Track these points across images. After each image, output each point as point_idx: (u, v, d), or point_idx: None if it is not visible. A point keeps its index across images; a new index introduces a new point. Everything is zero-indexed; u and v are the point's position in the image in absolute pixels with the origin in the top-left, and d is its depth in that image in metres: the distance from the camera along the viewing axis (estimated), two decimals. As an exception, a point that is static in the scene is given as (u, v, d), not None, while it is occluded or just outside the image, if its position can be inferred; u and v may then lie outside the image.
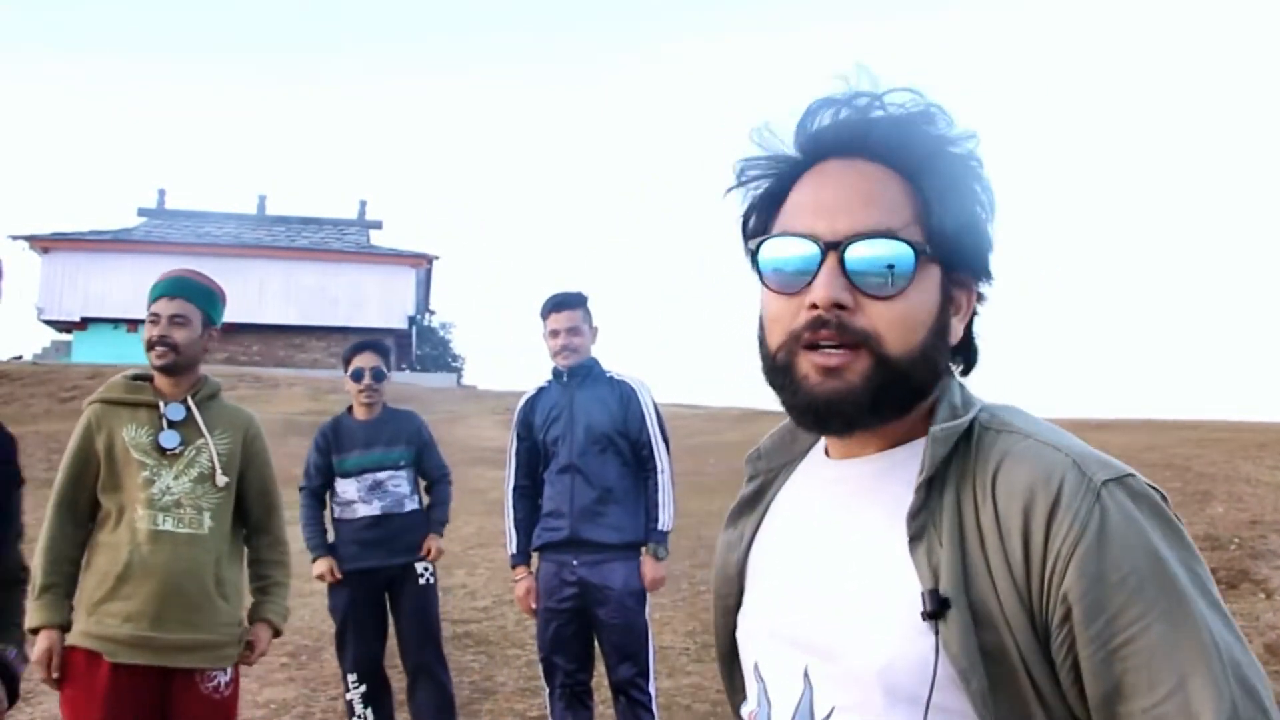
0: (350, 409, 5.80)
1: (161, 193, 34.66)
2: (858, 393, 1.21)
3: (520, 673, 7.04)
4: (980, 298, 1.32)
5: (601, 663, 5.12)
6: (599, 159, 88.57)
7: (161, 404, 3.77)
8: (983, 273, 1.30)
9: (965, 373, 1.34)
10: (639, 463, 5.09)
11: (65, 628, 3.59)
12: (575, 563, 4.93)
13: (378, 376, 5.70)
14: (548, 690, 5.08)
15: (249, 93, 69.60)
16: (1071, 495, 1.12)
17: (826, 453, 1.38)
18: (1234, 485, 10.59)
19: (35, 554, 3.62)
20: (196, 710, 3.68)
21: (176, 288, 3.83)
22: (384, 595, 5.58)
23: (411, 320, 33.61)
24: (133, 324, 27.66)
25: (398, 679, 5.73)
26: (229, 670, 3.79)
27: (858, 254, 1.20)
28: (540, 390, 5.25)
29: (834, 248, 1.20)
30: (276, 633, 3.92)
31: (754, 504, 1.46)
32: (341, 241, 34.45)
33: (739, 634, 1.42)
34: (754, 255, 1.29)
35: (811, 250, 1.22)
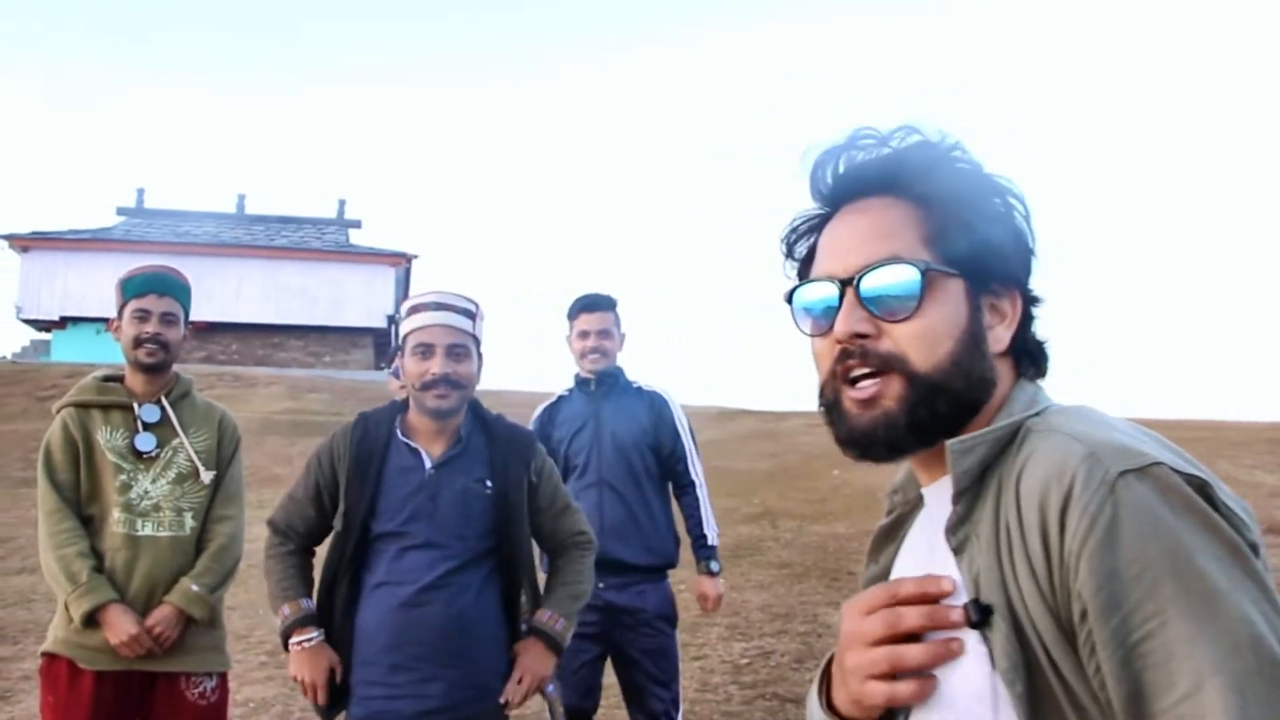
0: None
1: (140, 192, 34.51)
2: (894, 416, 1.25)
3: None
4: (1034, 301, 1.35)
5: (610, 695, 4.85)
6: (577, 157, 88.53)
7: (135, 405, 3.71)
8: (1014, 279, 1.33)
9: (1039, 374, 1.36)
10: (667, 477, 4.85)
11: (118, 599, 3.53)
12: (601, 585, 4.44)
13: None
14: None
15: (228, 92, 69.37)
16: (1083, 488, 1.08)
17: None
18: (1212, 484, 10.64)
19: (44, 560, 3.58)
20: (183, 716, 3.62)
21: (165, 285, 3.75)
22: None
23: (391, 319, 33.49)
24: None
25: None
26: (215, 675, 3.73)
27: (870, 284, 1.27)
28: (560, 399, 4.94)
29: (849, 283, 1.28)
30: (190, 618, 3.61)
31: (892, 535, 1.48)
32: (321, 241, 34.32)
33: None
34: (790, 305, 1.36)
35: (831, 291, 1.30)
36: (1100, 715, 1.08)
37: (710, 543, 4.81)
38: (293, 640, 3.23)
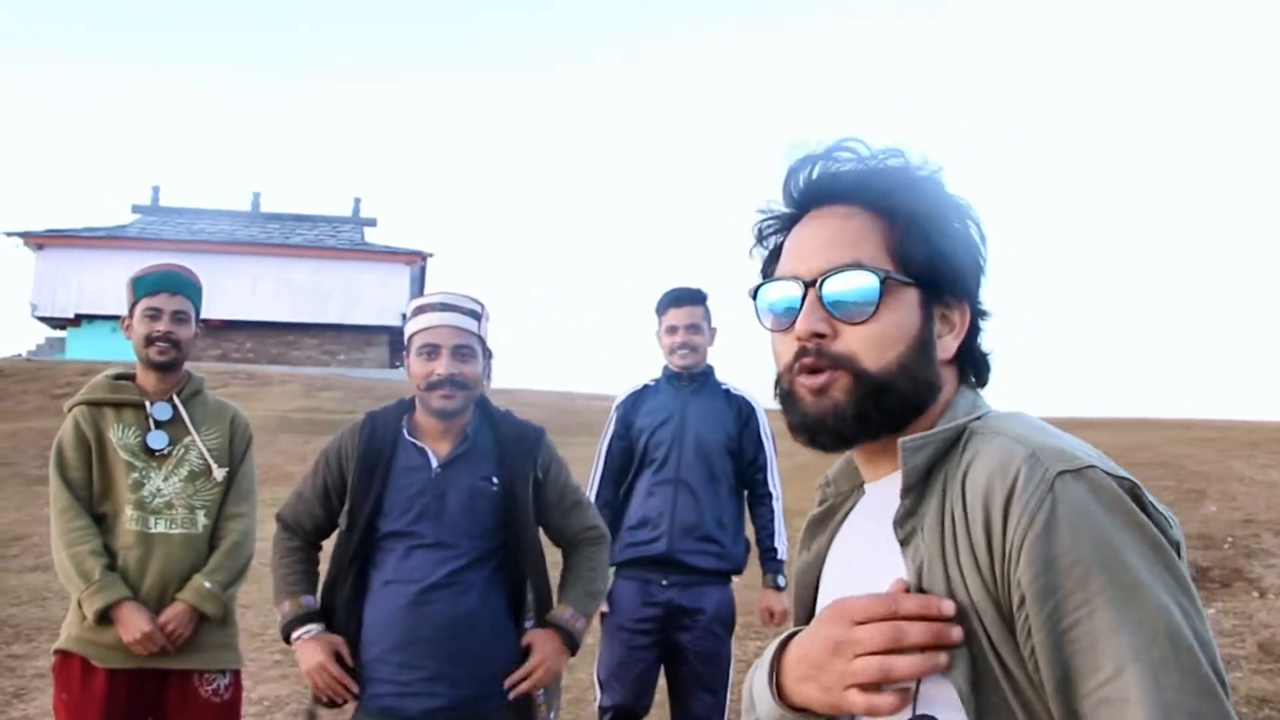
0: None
1: (156, 189, 34.62)
2: (842, 407, 1.33)
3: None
4: (981, 314, 1.44)
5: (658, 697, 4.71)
6: (591, 157, 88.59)
7: (147, 404, 3.72)
8: (966, 292, 1.41)
9: (980, 384, 1.45)
10: (743, 485, 4.76)
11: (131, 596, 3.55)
12: (664, 583, 4.52)
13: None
14: (598, 716, 4.69)
15: (244, 90, 69.54)
16: (1024, 485, 1.17)
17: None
18: (1227, 484, 10.61)
19: (57, 558, 3.59)
20: (196, 713, 3.64)
21: (176, 283, 3.76)
22: None
23: (405, 318, 33.53)
24: (126, 321, 27.55)
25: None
26: (229, 672, 3.74)
27: (832, 288, 1.35)
28: (646, 388, 4.85)
29: (811, 285, 1.36)
30: (202, 616, 3.63)
31: (824, 524, 1.56)
32: (335, 239, 34.37)
33: None
34: (754, 301, 1.44)
35: (794, 291, 1.38)
36: (1035, 696, 1.18)
37: (780, 556, 4.73)
38: (294, 636, 3.24)
